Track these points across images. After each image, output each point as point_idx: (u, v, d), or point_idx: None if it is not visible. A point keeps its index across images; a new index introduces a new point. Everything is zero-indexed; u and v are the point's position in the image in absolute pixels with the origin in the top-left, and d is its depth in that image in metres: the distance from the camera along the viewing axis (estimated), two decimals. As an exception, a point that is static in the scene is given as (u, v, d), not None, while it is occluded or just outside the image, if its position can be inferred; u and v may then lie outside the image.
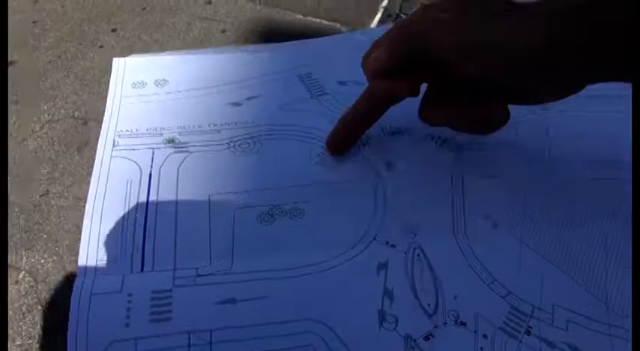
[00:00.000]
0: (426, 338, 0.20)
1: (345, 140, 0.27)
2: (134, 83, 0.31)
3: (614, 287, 0.23)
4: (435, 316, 0.21)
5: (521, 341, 0.20)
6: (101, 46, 0.35)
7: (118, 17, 0.38)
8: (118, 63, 0.32)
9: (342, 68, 0.34)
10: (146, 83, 0.31)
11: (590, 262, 0.24)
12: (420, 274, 0.22)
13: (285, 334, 0.20)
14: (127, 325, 0.20)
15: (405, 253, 0.23)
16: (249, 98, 0.30)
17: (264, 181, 0.26)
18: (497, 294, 0.22)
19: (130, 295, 0.20)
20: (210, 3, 0.42)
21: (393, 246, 0.23)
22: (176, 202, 0.24)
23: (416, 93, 0.23)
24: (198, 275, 0.21)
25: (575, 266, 0.23)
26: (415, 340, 0.20)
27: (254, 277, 0.22)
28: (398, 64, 0.23)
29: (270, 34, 0.38)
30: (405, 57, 0.22)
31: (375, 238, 0.24)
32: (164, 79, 0.31)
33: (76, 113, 0.30)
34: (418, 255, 0.23)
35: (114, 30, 0.37)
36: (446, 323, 0.21)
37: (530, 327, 0.21)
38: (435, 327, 0.21)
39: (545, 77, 0.21)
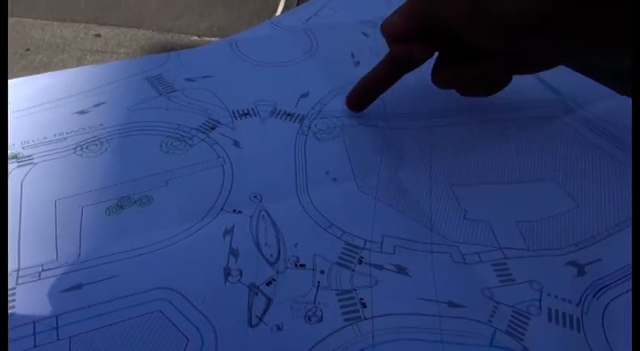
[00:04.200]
0: (268, 283, 0.22)
1: (361, 99, 0.31)
2: (-27, 108, 0.31)
3: (437, 213, 0.26)
4: (277, 263, 0.23)
5: (353, 270, 0.23)
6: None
7: None
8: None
9: (191, 66, 0.35)
10: (-15, 106, 0.31)
11: (417, 197, 0.27)
12: (264, 231, 0.25)
13: (132, 306, 0.21)
14: (-33, 328, 0.20)
15: (251, 216, 0.25)
16: (96, 105, 0.31)
17: (112, 178, 0.27)
18: (333, 235, 0.25)
19: (-32, 300, 0.21)
20: (99, 36, 0.42)
21: (240, 212, 0.25)
22: (20, 213, 0.25)
23: (430, 55, 0.27)
24: (43, 270, 0.22)
25: (405, 202, 0.27)
26: (258, 287, 0.22)
27: (102, 261, 0.23)
28: (412, 31, 0.25)
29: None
30: (417, 24, 0.25)
31: (222, 209, 0.26)
32: (5, 100, 0.31)
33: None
34: (263, 216, 0.25)
35: (-4, 75, 0.36)
36: (287, 268, 0.23)
37: (362, 257, 0.24)
38: (277, 273, 0.23)
39: (547, 43, 0.22)
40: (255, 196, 0.26)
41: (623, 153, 0.30)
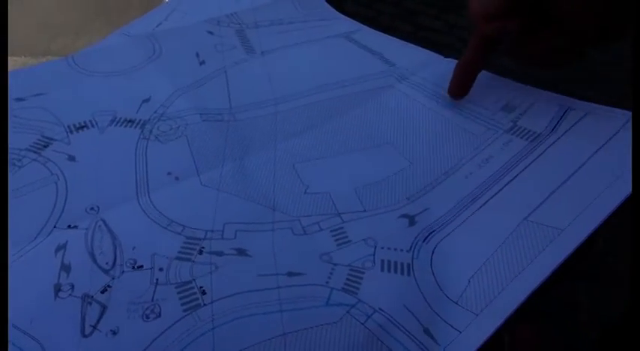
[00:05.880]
0: (103, 291, 0.22)
1: (462, 84, 0.32)
2: None
3: (280, 194, 0.27)
4: (113, 270, 0.23)
5: (194, 261, 0.24)
6: None
7: None
8: None
9: (22, 86, 0.34)
10: None
11: (261, 181, 0.28)
12: (100, 241, 0.24)
13: (-53, 343, 0.20)
14: None
15: (87, 229, 0.25)
16: None
17: None
18: (173, 232, 0.25)
19: None
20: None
21: (75, 227, 0.25)
22: None
23: (521, 28, 0.28)
24: None
25: (249, 188, 0.27)
26: (92, 296, 0.22)
27: None
28: (504, 8, 0.27)
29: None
30: (510, 1, 0.27)
31: (55, 226, 0.25)
32: None
33: None
34: (100, 226, 0.25)
35: None
36: (123, 272, 0.23)
37: (203, 247, 0.24)
38: (113, 278, 0.23)
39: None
40: (92, 208, 0.26)
41: (449, 110, 0.33)
